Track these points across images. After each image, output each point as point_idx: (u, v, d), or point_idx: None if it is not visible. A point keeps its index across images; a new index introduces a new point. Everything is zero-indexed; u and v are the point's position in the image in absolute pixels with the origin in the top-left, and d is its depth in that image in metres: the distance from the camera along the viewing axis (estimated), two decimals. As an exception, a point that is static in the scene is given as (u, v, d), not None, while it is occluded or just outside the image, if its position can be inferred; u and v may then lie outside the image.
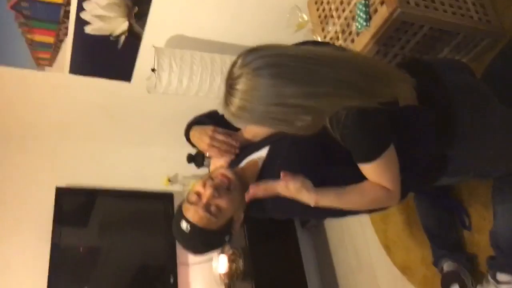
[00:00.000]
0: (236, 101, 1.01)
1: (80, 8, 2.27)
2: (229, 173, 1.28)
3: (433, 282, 2.18)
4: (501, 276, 1.73)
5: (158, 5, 2.35)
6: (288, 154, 1.27)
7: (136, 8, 2.35)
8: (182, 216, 1.24)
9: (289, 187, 1.17)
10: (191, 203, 1.24)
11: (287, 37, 2.17)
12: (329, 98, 1.03)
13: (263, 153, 1.35)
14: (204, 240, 1.27)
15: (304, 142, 1.22)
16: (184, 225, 1.22)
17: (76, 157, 3.19)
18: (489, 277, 1.79)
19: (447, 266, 1.99)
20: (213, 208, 1.22)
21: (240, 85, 1.00)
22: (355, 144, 1.17)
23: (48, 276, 2.75)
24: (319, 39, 2.09)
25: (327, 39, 2.06)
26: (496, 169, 1.55)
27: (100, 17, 2.34)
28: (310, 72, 1.01)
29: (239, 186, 1.27)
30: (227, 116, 1.07)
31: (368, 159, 1.17)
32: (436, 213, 2.02)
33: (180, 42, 2.55)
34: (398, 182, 1.23)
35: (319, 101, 1.02)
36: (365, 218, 2.79)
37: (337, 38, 2.00)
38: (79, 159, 3.20)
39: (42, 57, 2.49)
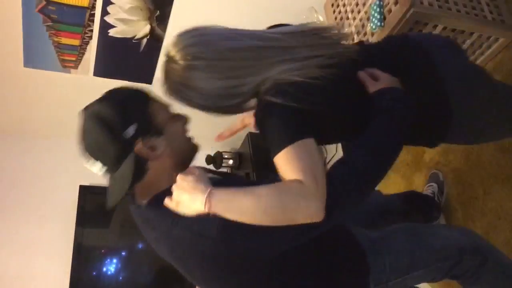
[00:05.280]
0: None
1: (104, 12, 2.37)
2: None
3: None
4: None
5: (179, 8, 2.44)
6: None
7: (158, 12, 2.44)
8: None
9: (182, 184, 1.02)
10: None
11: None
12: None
13: None
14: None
15: None
16: None
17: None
18: None
19: None
20: None
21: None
22: (266, 132, 1.09)
23: (70, 276, 2.85)
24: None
25: (343, 40, 2.11)
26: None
27: (123, 20, 2.43)
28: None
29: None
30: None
31: (277, 146, 1.02)
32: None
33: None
34: (317, 176, 0.97)
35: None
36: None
37: (353, 39, 2.04)
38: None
39: (68, 59, 2.59)
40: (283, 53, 1.13)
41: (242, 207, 0.96)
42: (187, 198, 0.99)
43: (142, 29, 2.50)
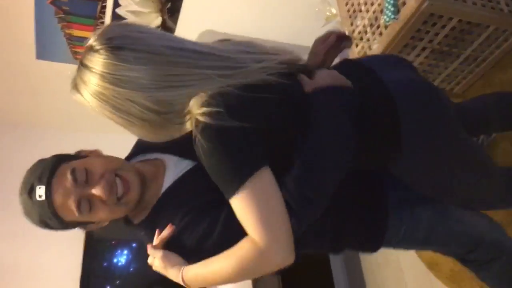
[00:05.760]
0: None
1: (116, 4, 2.36)
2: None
3: (460, 276, 2.17)
4: None
5: (190, 1, 2.43)
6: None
7: (169, 4, 2.43)
8: None
9: (154, 263, 1.12)
10: None
11: (316, 30, 2.20)
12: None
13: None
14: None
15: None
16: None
17: (108, 148, 3.28)
18: None
19: None
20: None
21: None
22: (209, 165, 0.94)
23: (82, 267, 2.88)
24: (347, 33, 2.11)
25: (356, 33, 2.08)
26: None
27: (134, 12, 2.42)
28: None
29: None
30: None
31: (228, 191, 0.92)
32: None
33: (210, 37, 2.61)
34: (273, 223, 0.90)
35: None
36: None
37: (365, 32, 2.01)
38: (111, 150, 3.29)
39: (80, 51, 2.59)
40: (225, 61, 1.00)
41: (215, 280, 0.98)
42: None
43: (153, 21, 2.50)
